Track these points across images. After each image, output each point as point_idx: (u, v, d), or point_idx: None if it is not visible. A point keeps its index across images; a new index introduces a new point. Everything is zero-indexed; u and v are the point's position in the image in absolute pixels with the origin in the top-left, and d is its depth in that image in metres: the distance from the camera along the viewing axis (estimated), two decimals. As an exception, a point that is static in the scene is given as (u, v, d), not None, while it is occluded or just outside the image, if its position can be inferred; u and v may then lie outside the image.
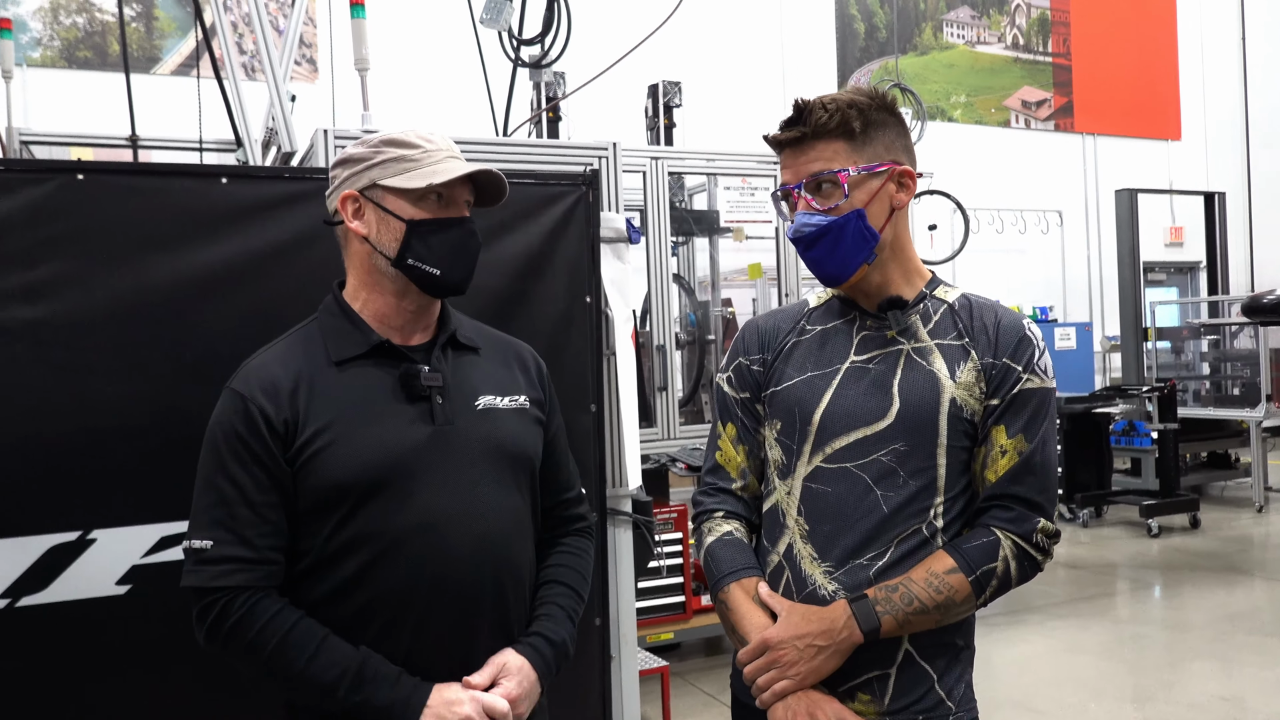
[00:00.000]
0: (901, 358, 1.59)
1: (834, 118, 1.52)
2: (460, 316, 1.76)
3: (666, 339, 4.25)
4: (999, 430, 1.55)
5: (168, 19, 8.19)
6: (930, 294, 1.64)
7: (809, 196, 1.55)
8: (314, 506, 1.53)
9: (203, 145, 3.39)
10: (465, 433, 1.61)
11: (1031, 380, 1.56)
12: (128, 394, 2.08)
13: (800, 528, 1.59)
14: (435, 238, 1.60)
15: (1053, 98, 12.95)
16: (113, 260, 2.10)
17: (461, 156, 1.65)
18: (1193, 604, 5.87)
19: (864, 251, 1.56)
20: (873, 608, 1.50)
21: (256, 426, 1.52)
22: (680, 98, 4.83)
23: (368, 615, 1.53)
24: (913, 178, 1.60)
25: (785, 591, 1.60)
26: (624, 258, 2.67)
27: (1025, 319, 1.62)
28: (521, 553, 1.65)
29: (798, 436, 1.61)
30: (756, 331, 1.74)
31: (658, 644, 4.58)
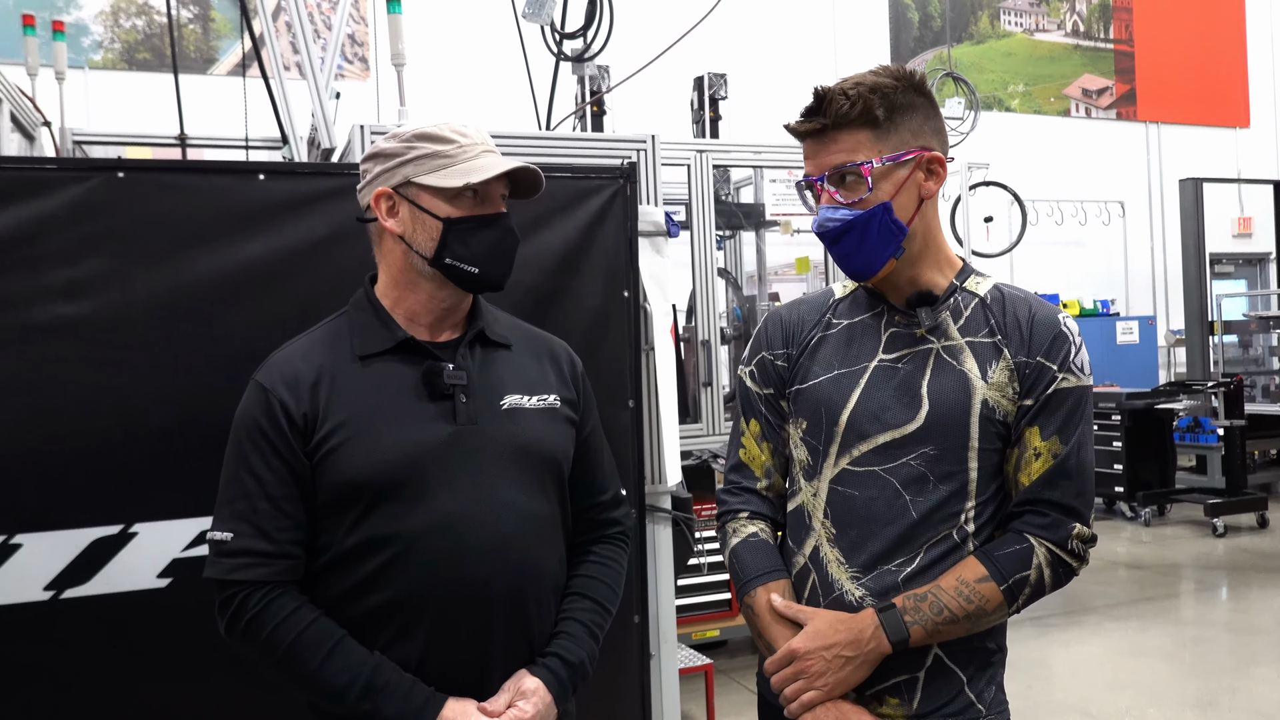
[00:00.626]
0: (931, 357, 1.53)
1: (855, 106, 1.46)
2: (495, 312, 1.73)
3: (711, 334, 4.20)
4: (1033, 432, 1.49)
5: (224, 20, 8.33)
6: (961, 286, 1.57)
7: (832, 189, 1.49)
8: (332, 503, 1.52)
9: (249, 143, 3.43)
10: (488, 433, 1.57)
11: (1067, 379, 1.50)
12: (167, 389, 2.10)
13: (827, 531, 1.54)
14: (473, 236, 1.57)
15: (1114, 85, 12.61)
16: (153, 257, 2.12)
17: (497, 150, 1.62)
18: (1259, 606, 5.68)
19: (891, 246, 1.49)
20: (901, 618, 1.45)
21: (277, 419, 1.52)
22: (726, 90, 4.77)
23: (384, 616, 1.51)
24: (943, 164, 1.52)
25: (811, 595, 1.55)
26: (663, 251, 2.63)
27: (1061, 313, 1.55)
28: (545, 557, 1.61)
29: (824, 437, 1.56)
30: (780, 324, 1.67)
31: (703, 641, 4.54)
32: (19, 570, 2.02)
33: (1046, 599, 1.58)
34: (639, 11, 5.62)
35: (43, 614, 2.04)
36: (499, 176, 1.58)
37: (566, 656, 1.60)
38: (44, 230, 2.05)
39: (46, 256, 2.05)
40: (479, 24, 7.88)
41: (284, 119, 3.39)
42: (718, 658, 4.65)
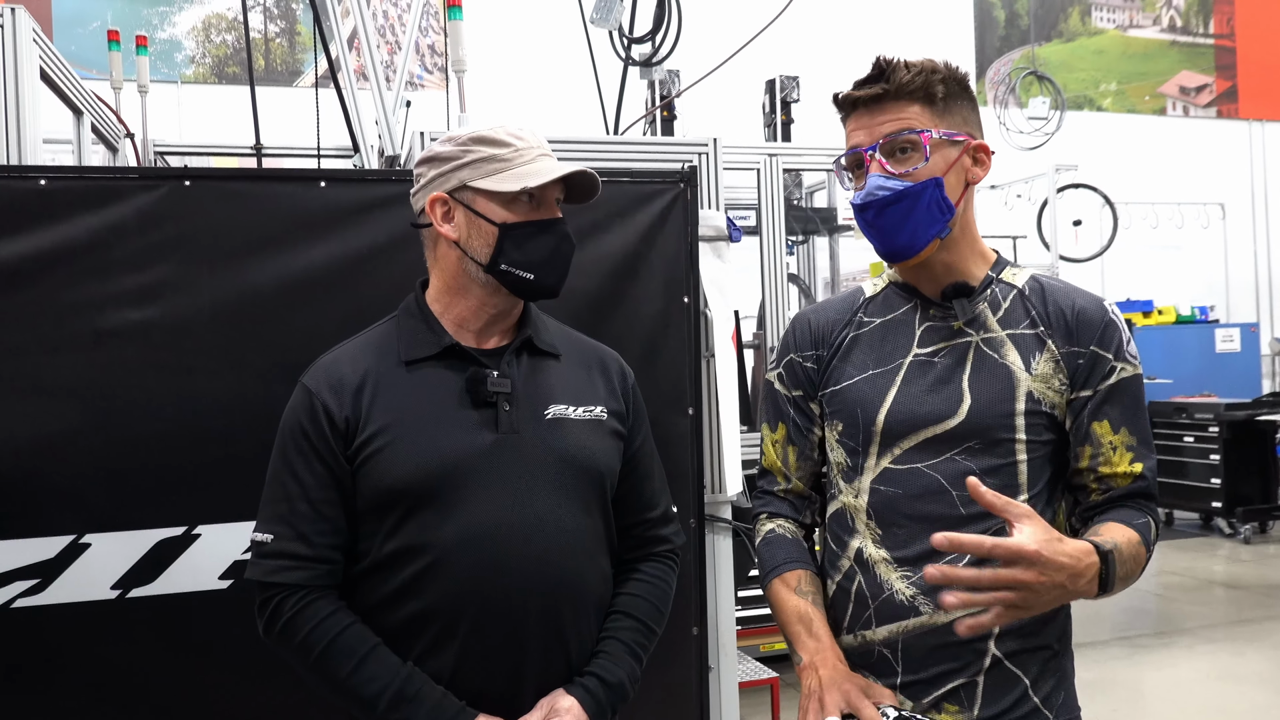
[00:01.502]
0: (971, 350, 1.49)
1: (918, 78, 1.44)
2: (546, 320, 1.71)
3: (781, 340, 4.14)
4: (1102, 427, 1.47)
5: (310, 34, 8.56)
6: (997, 277, 1.53)
7: (883, 159, 1.45)
8: (371, 508, 1.52)
9: (320, 152, 3.49)
10: (530, 442, 1.55)
11: (1125, 369, 1.48)
12: (230, 394, 2.14)
13: (872, 531, 1.51)
14: (530, 242, 1.55)
15: (1214, 82, 12.10)
16: (218, 263, 2.16)
17: (552, 154, 1.60)
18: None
19: (938, 224, 1.45)
20: (1114, 570, 1.33)
21: (319, 422, 1.52)
22: (798, 92, 4.70)
23: (418, 626, 1.50)
24: (988, 154, 1.50)
25: (859, 597, 1.51)
26: (724, 256, 2.59)
27: (1105, 301, 1.52)
28: (586, 572, 1.57)
29: (862, 438, 1.52)
30: (808, 325, 1.64)
31: (771, 654, 4.46)
32: (88, 569, 2.08)
33: (1139, 618, 1.53)
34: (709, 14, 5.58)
35: (110, 612, 2.08)
36: (555, 181, 1.56)
37: (605, 676, 1.56)
38: (115, 237, 2.11)
39: (117, 263, 2.10)
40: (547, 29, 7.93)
41: (355, 128, 3.44)
42: (786, 671, 4.56)
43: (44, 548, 2.05)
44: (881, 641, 1.49)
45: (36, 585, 2.05)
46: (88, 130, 3.03)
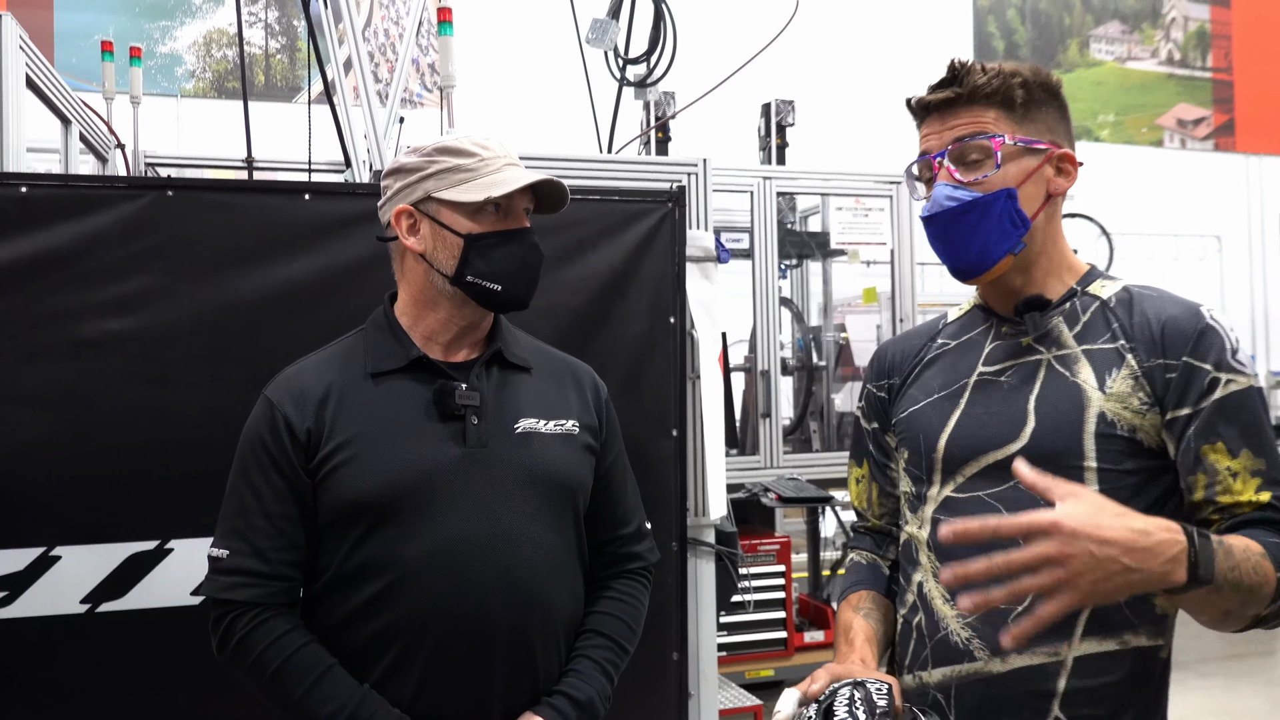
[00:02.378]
0: (1041, 369, 1.37)
1: (993, 81, 1.34)
2: (516, 333, 1.68)
3: (772, 364, 4.12)
4: (1216, 450, 1.27)
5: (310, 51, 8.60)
6: (1082, 290, 1.41)
7: (952, 167, 1.35)
8: (333, 522, 1.48)
9: (311, 166, 3.49)
10: (499, 456, 1.51)
11: (1234, 380, 1.28)
12: (209, 407, 2.11)
13: (932, 565, 1.41)
14: (496, 252, 1.52)
15: (1212, 115, 12.16)
16: (199, 275, 2.14)
17: (520, 163, 1.57)
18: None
19: (1011, 239, 1.34)
20: (1214, 559, 1.14)
21: (280, 434, 1.49)
22: (793, 116, 4.70)
23: (380, 646, 1.46)
24: (1074, 163, 1.39)
25: (919, 635, 1.41)
26: (712, 277, 2.57)
27: (1203, 306, 1.34)
28: (555, 590, 1.54)
29: (925, 465, 1.44)
30: (884, 354, 1.59)
31: (756, 680, 4.42)
32: (57, 582, 2.05)
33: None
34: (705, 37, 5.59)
35: (79, 627, 2.05)
36: (523, 190, 1.53)
37: (574, 695, 1.52)
38: (96, 246, 2.09)
39: (97, 272, 2.09)
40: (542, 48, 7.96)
41: (347, 143, 3.43)
42: (770, 698, 4.51)
43: (13, 559, 2.02)
44: (936, 685, 1.38)
45: (4, 598, 2.02)
46: (75, 139, 3.02)
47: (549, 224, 1.74)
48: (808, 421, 4.73)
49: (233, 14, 8.37)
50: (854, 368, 5.01)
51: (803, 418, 4.70)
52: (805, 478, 4.09)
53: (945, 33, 11.02)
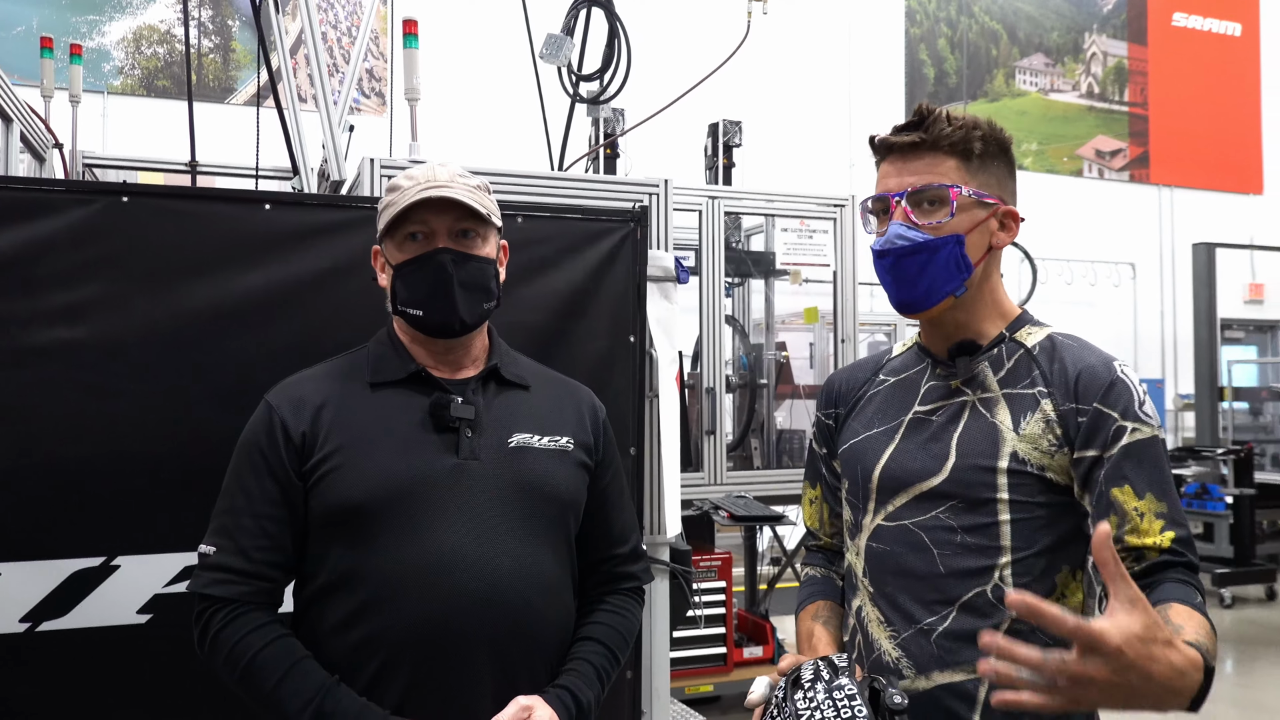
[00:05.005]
0: (965, 410, 1.47)
1: (957, 132, 1.43)
2: (515, 355, 1.73)
3: (716, 381, 4.16)
4: (1124, 493, 1.36)
5: (244, 51, 8.40)
6: (1010, 336, 1.51)
7: (909, 208, 1.44)
8: (323, 526, 1.50)
9: (259, 172, 3.41)
10: (490, 469, 1.53)
11: (1140, 430, 1.38)
12: (160, 420, 2.06)
13: (867, 589, 1.50)
14: (411, 279, 1.56)
15: (1128, 148, 12.66)
16: (152, 284, 2.08)
17: (450, 185, 1.55)
18: (1267, 682, 5.56)
19: (954, 282, 1.44)
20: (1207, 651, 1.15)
21: (275, 437, 1.52)
22: (740, 137, 4.77)
23: (364, 655, 1.47)
24: (1017, 220, 1.49)
25: (859, 657, 1.50)
26: (671, 297, 2.59)
27: (1116, 360, 1.45)
28: (543, 605, 1.54)
29: (861, 494, 1.54)
30: (833, 385, 1.69)
31: (696, 696, 4.44)
32: (-4, 599, 1.96)
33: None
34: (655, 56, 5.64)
35: (18, 646, 1.97)
36: (444, 213, 1.54)
37: (577, 694, 1.54)
38: (44, 252, 2.02)
39: (45, 279, 2.02)
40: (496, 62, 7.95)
41: (295, 150, 3.37)
42: (710, 713, 4.54)
43: (-51, 576, 1.93)
44: None
45: (-61, 616, 1.93)
46: (16, 139, 2.91)
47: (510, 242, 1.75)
48: (749, 439, 4.79)
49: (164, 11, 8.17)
50: (793, 385, 5.08)
51: (745, 435, 4.76)
52: (748, 494, 4.14)
53: (879, 59, 11.27)
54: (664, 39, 7.80)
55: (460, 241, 1.57)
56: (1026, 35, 12.12)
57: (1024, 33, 12.10)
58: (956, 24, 11.68)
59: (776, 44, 9.79)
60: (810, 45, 10.54)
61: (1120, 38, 12.68)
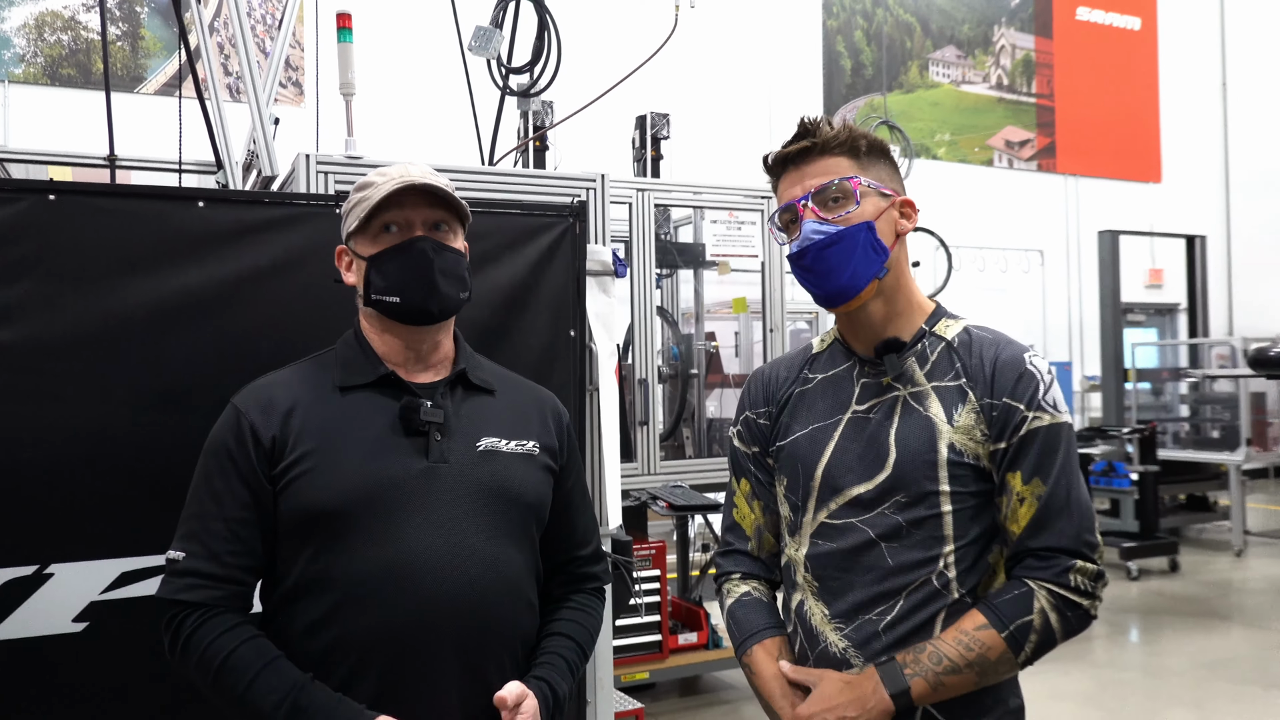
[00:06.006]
0: (898, 405, 1.53)
1: (842, 134, 1.52)
2: (481, 360, 1.75)
3: (649, 372, 4.20)
4: (1014, 477, 1.47)
5: (154, 39, 8.14)
6: (930, 331, 1.58)
7: (816, 207, 1.50)
8: (293, 530, 1.50)
9: (182, 167, 3.33)
10: (459, 472, 1.55)
11: (1040, 418, 1.47)
12: (93, 423, 2.01)
13: (810, 585, 1.55)
14: (388, 266, 1.58)
15: (1036, 138, 13.09)
16: (83, 284, 2.03)
17: (421, 178, 1.59)
18: (1172, 649, 5.84)
19: (875, 265, 1.50)
20: (900, 670, 1.44)
21: (245, 441, 1.52)
22: (668, 130, 4.81)
23: (335, 657, 1.48)
24: (914, 208, 1.58)
25: (800, 650, 1.56)
26: (609, 291, 2.62)
27: (1027, 353, 1.53)
28: (510, 604, 1.57)
29: (802, 492, 1.57)
30: (762, 382, 1.70)
31: (632, 684, 4.49)
32: (-77, 611, 1.90)
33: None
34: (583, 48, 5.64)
35: (-53, 659, 1.91)
36: (418, 204, 1.58)
37: (555, 687, 1.57)
38: (-34, 253, 1.95)
39: (-32, 281, 1.95)
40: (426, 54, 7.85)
41: (220, 143, 3.30)
42: (646, 700, 4.60)
43: (-127, 588, 1.86)
44: None
45: None
46: (-76, 133, 2.79)
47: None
48: (681, 429, 4.84)
49: (67, -4, 7.86)
50: (722, 375, 5.15)
51: (676, 425, 4.81)
52: (682, 483, 4.19)
53: (798, 51, 11.44)
54: (589, 32, 7.80)
55: (434, 232, 1.60)
56: (939, 28, 12.43)
57: (937, 25, 12.41)
58: (872, 16, 11.91)
59: (699, 36, 9.85)
60: (731, 37, 10.64)
61: (1028, 31, 13.09)
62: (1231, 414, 9.09)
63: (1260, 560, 8.26)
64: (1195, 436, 9.79)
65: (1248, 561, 8.25)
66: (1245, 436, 8.59)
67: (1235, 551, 8.42)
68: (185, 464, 2.02)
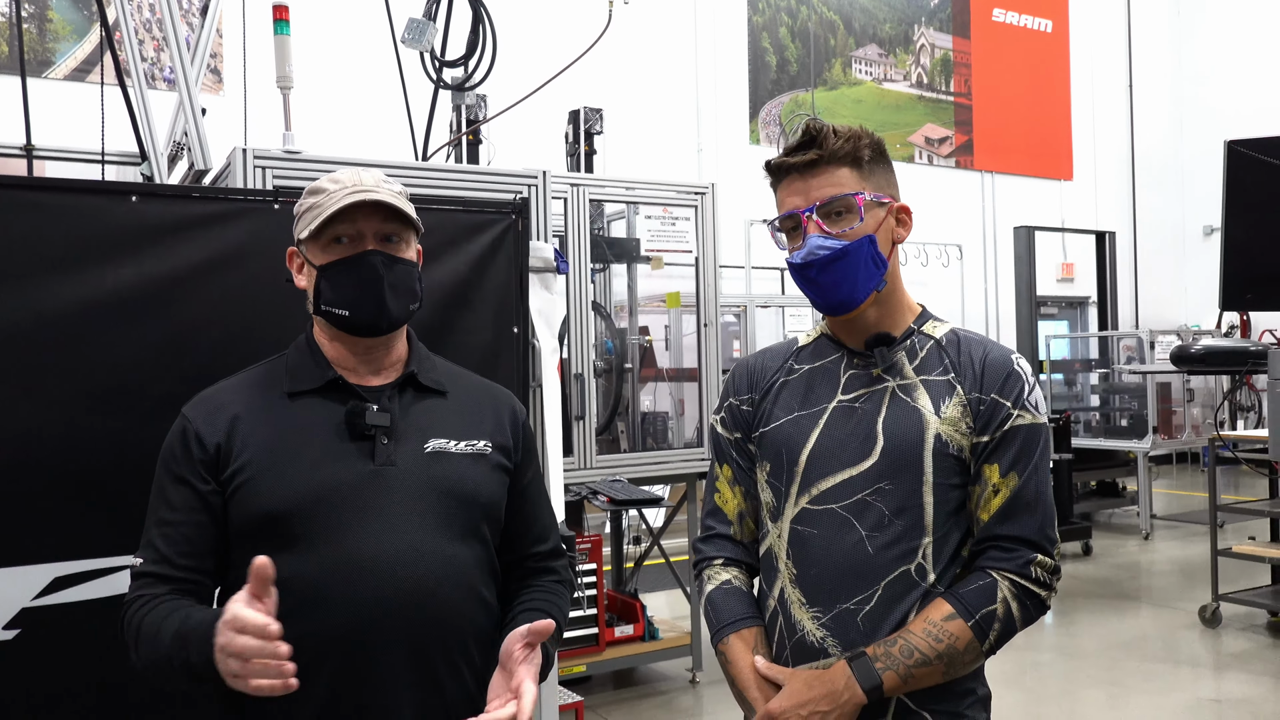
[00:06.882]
0: (887, 395, 1.57)
1: (847, 144, 1.53)
2: (433, 359, 1.74)
3: (585, 367, 4.21)
4: (991, 469, 1.52)
5: (62, 22, 7.84)
6: (918, 330, 1.63)
7: (820, 220, 1.53)
8: (243, 535, 1.50)
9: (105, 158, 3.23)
10: (407, 474, 1.55)
11: (1022, 416, 1.53)
12: (22, 424, 1.94)
13: (790, 571, 1.57)
14: (338, 279, 1.58)
15: (954, 136, 13.41)
16: (10, 281, 1.96)
17: (374, 190, 1.59)
18: (1086, 631, 6.07)
19: (875, 278, 1.55)
20: (872, 664, 1.47)
21: (190, 448, 1.52)
22: (601, 125, 4.82)
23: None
24: (910, 215, 1.61)
25: (779, 638, 1.58)
26: (552, 288, 2.63)
27: (1014, 354, 1.59)
28: (464, 602, 1.56)
29: (785, 478, 1.59)
30: (747, 371, 1.72)
31: (569, 677, 4.51)
32: None
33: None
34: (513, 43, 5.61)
35: None
36: (370, 216, 1.58)
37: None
38: (-117, 249, 1.87)
39: (-115, 278, 1.87)
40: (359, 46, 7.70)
41: (144, 133, 3.20)
42: (581, 692, 4.62)
43: None
44: None
45: None
46: None
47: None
48: (615, 423, 4.87)
49: (-32, -25, 7.51)
50: (656, 369, 5.18)
51: (611, 419, 4.83)
52: (620, 478, 4.22)
53: (724, 47, 11.52)
54: (519, 26, 7.75)
55: (386, 245, 1.60)
56: (862, 26, 12.64)
57: (859, 23, 12.62)
58: (797, 13, 12.06)
59: (627, 31, 9.86)
60: (658, 32, 10.67)
61: (946, 30, 13.40)
62: (1139, 404, 9.47)
63: (1166, 543, 8.64)
64: (1105, 425, 10.17)
65: (1155, 544, 8.62)
66: (1152, 425, 8.96)
67: (1143, 535, 8.79)
68: (118, 466, 1.99)
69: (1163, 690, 4.92)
